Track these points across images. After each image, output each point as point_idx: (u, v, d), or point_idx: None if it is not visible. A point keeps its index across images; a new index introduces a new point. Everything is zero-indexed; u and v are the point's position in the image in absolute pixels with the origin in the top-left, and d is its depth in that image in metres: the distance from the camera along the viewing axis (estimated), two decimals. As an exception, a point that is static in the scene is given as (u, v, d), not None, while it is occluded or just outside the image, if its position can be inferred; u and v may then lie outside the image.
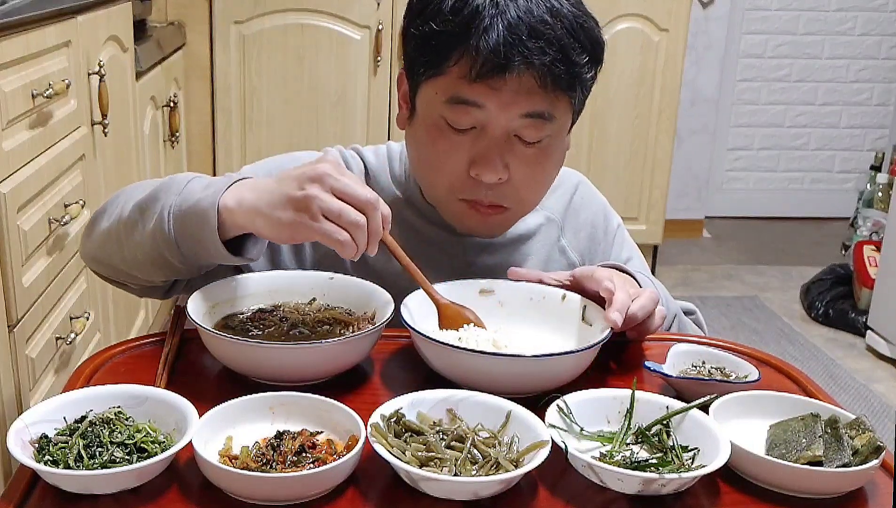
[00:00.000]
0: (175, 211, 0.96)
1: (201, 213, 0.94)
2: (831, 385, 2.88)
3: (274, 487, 0.75)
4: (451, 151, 1.05)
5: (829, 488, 0.81)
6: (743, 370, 0.97)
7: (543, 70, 0.99)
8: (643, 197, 3.44)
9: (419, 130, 1.08)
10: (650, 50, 3.26)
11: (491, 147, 1.03)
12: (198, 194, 0.95)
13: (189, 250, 0.97)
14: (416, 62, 1.06)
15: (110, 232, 1.04)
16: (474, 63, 0.99)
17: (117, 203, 1.05)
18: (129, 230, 1.01)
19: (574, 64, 1.01)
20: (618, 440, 0.85)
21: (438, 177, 1.08)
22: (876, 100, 4.45)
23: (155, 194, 0.99)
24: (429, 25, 1.02)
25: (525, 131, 1.03)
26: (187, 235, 0.96)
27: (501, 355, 0.95)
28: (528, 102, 1.01)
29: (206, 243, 0.95)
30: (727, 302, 3.55)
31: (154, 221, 0.97)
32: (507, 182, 1.06)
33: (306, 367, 0.94)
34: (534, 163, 1.06)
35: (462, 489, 0.76)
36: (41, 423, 0.81)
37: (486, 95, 1.00)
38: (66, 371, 1.63)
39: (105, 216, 1.06)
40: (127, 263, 1.04)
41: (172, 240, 0.96)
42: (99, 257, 1.08)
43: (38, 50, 1.51)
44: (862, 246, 3.41)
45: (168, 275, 1.03)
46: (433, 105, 1.05)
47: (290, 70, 3.06)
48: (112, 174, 1.98)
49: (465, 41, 0.99)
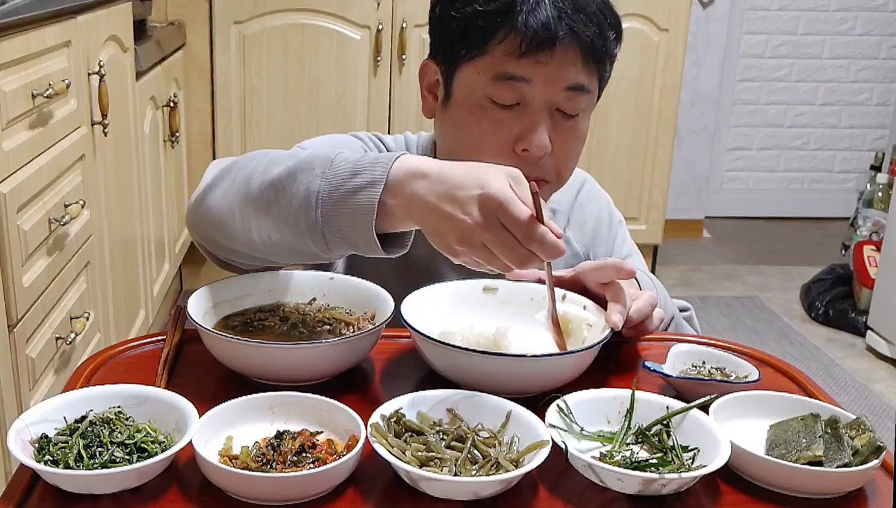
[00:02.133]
0: (324, 198, 0.87)
1: (356, 208, 0.86)
2: (831, 385, 2.88)
3: (274, 487, 0.75)
4: (496, 128, 1.08)
5: (829, 488, 0.81)
6: (743, 370, 0.97)
7: (587, 43, 1.05)
8: (643, 197, 3.44)
9: (458, 113, 1.11)
10: (650, 50, 3.26)
11: (536, 121, 1.07)
12: (348, 184, 0.87)
13: (336, 242, 0.89)
14: (456, 45, 1.09)
15: (233, 211, 0.94)
16: (524, 38, 1.04)
17: (237, 177, 0.95)
18: (261, 211, 0.92)
19: (606, 39, 1.08)
20: (618, 440, 0.85)
21: (484, 155, 1.07)
22: (876, 100, 4.45)
23: (294, 171, 0.90)
24: (472, 6, 1.06)
25: (566, 104, 1.08)
26: (336, 227, 0.88)
27: (502, 355, 0.95)
28: (573, 74, 1.06)
29: (357, 240, 0.88)
30: (727, 302, 3.55)
31: (297, 204, 0.89)
32: (550, 155, 1.10)
33: (306, 367, 0.94)
34: (571, 136, 1.11)
35: (462, 489, 0.76)
36: (41, 423, 0.81)
37: (532, 69, 1.05)
38: (66, 371, 1.63)
39: (219, 191, 0.96)
40: (254, 247, 0.95)
41: (319, 230, 0.88)
42: (214, 238, 0.99)
43: (38, 50, 1.51)
44: (862, 246, 3.41)
45: (304, 260, 0.97)
46: (476, 85, 1.08)
47: (290, 70, 3.06)
48: (112, 174, 1.98)
49: (510, 18, 1.04)
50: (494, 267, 0.85)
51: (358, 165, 0.87)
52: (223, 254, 1.02)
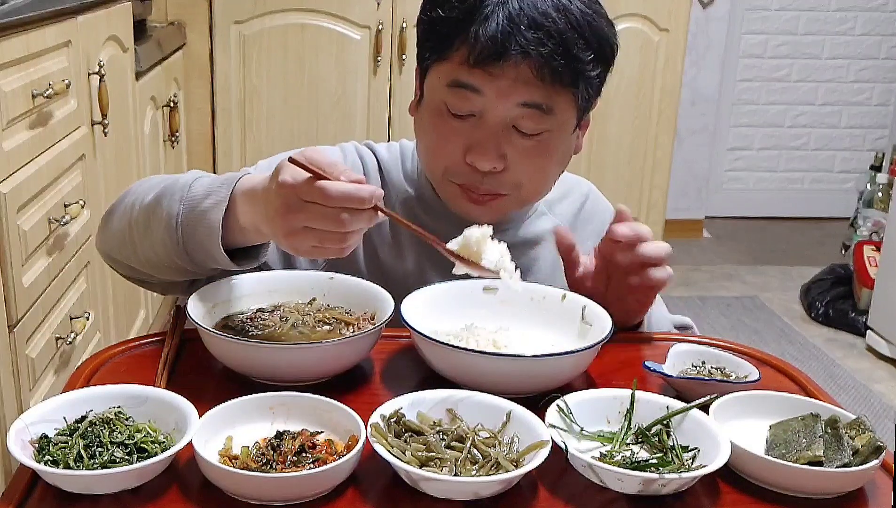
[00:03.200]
0: (182, 220, 0.97)
1: (207, 227, 0.95)
2: (831, 385, 2.88)
3: (274, 487, 0.75)
4: (450, 136, 1.07)
5: (829, 488, 0.81)
6: (743, 370, 0.97)
7: (541, 61, 1.01)
8: (643, 197, 3.44)
9: (424, 115, 1.12)
10: (650, 50, 3.26)
11: (487, 136, 1.05)
12: (202, 204, 0.96)
13: (199, 258, 0.99)
14: (424, 47, 1.10)
15: (123, 234, 1.05)
16: (472, 49, 1.02)
17: (126, 203, 1.06)
18: (140, 233, 1.02)
19: (576, 59, 1.02)
20: (618, 440, 0.85)
21: (436, 160, 1.10)
22: (876, 100, 4.45)
23: (160, 197, 1.00)
24: (436, 11, 1.06)
25: (523, 122, 1.05)
26: (196, 243, 0.97)
27: (501, 355, 0.95)
28: (526, 91, 1.03)
29: (214, 255, 0.97)
30: (727, 302, 3.55)
31: (163, 227, 0.98)
32: (505, 172, 1.07)
33: (306, 367, 0.94)
34: (532, 156, 1.07)
35: (462, 489, 0.76)
36: (41, 423, 0.81)
37: (483, 80, 1.03)
38: (66, 371, 1.63)
39: (116, 216, 1.07)
40: (143, 264, 1.05)
41: (182, 249, 0.98)
42: (115, 257, 1.09)
43: (38, 50, 1.51)
44: (862, 246, 3.41)
45: (184, 276, 1.05)
46: (436, 90, 1.08)
47: (290, 70, 3.06)
48: (112, 174, 1.98)
49: (466, 28, 1.02)
50: (331, 243, 0.88)
51: (210, 187, 0.96)
52: (129, 272, 1.10)
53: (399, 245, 1.17)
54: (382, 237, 1.18)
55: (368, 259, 1.17)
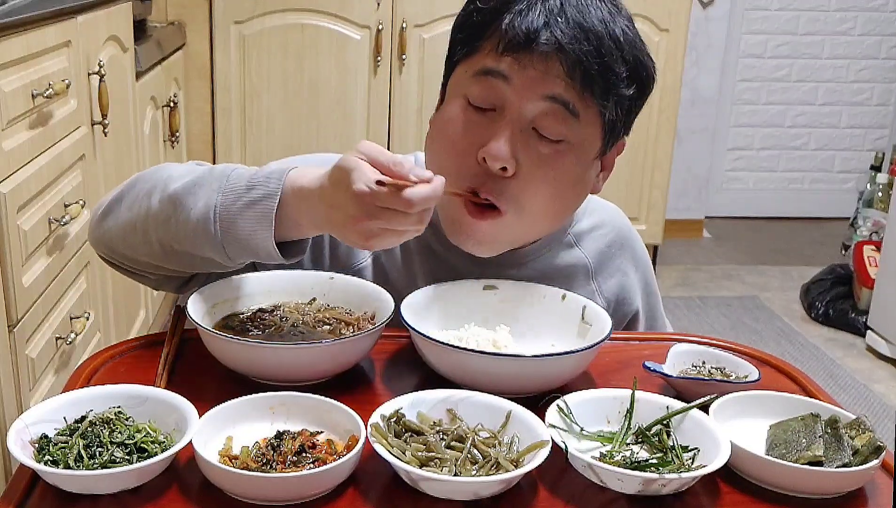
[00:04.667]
0: (222, 212, 0.92)
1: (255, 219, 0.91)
2: (831, 385, 2.88)
3: (274, 487, 0.75)
4: (466, 130, 1.02)
5: (829, 488, 0.81)
6: (743, 370, 0.97)
7: (574, 59, 0.97)
8: (643, 197, 3.44)
9: (441, 113, 1.07)
10: (650, 50, 3.25)
11: (505, 130, 0.99)
12: (247, 196, 0.92)
13: (235, 251, 0.94)
14: (455, 44, 1.06)
15: (133, 223, 1.00)
16: (503, 37, 0.99)
17: (137, 192, 1.00)
18: (160, 223, 0.97)
19: (609, 69, 0.98)
20: (618, 440, 0.85)
21: (448, 159, 1.03)
22: (876, 100, 4.45)
23: (191, 187, 0.95)
24: (474, 4, 1.03)
25: (545, 122, 0.99)
26: (235, 239, 0.93)
27: (501, 355, 0.95)
28: (554, 85, 0.98)
29: (259, 248, 0.93)
30: (727, 302, 3.55)
31: (195, 218, 0.93)
32: (514, 179, 1.00)
33: (306, 367, 0.94)
34: (547, 164, 1.00)
35: (462, 489, 0.76)
36: (41, 423, 0.81)
37: (511, 68, 0.98)
38: (66, 371, 1.63)
39: (122, 205, 1.02)
40: (152, 255, 1.00)
41: (219, 242, 0.93)
42: (114, 246, 1.04)
43: (38, 50, 1.51)
44: (862, 246, 3.41)
45: (203, 269, 1.01)
46: (460, 83, 1.04)
47: (290, 70, 3.06)
48: (112, 174, 1.98)
49: (500, 16, 0.99)
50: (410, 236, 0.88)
51: (252, 179, 0.92)
52: (129, 265, 1.06)
53: (411, 272, 1.13)
54: (393, 262, 1.14)
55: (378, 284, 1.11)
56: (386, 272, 1.13)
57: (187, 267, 1.01)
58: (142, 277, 1.08)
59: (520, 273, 1.13)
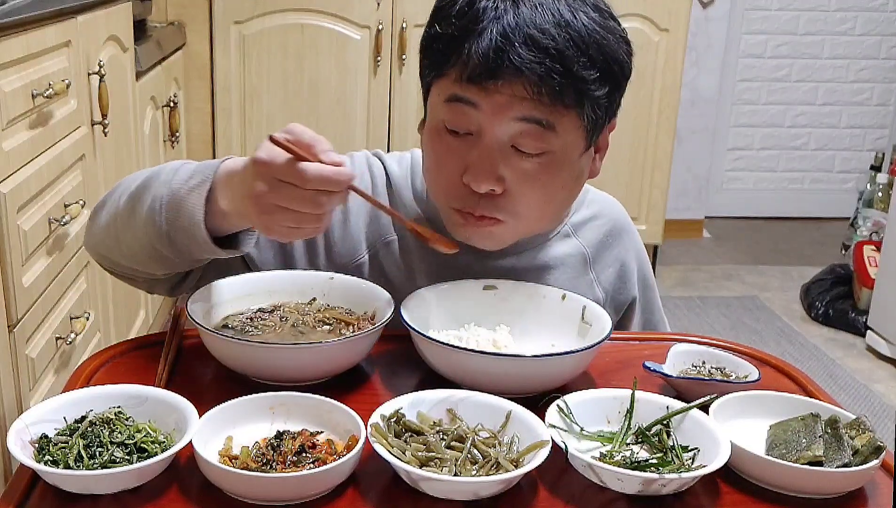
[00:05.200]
0: (166, 204, 0.94)
1: (190, 209, 0.93)
2: (831, 385, 2.88)
3: (274, 487, 0.75)
4: (447, 155, 1.03)
5: (829, 488, 0.81)
6: (743, 370, 0.97)
7: (536, 80, 0.95)
8: (643, 197, 3.44)
9: (425, 135, 1.07)
10: (650, 50, 3.26)
11: (484, 155, 1.00)
12: (185, 186, 0.94)
13: (182, 243, 0.96)
14: (423, 65, 1.06)
15: (108, 226, 1.03)
16: (466, 66, 0.97)
17: (115, 196, 1.04)
18: (124, 223, 1.00)
19: (578, 78, 0.97)
20: (618, 440, 0.85)
21: (436, 181, 1.06)
22: (876, 100, 4.45)
23: (146, 184, 0.98)
24: (435, 28, 1.02)
25: (523, 141, 0.99)
26: (179, 228, 0.94)
27: (501, 355, 0.95)
28: (523, 108, 0.97)
29: (197, 238, 0.94)
30: (727, 302, 3.55)
31: (146, 213, 0.96)
32: (504, 196, 1.01)
33: (306, 367, 0.94)
34: (532, 178, 1.01)
35: (462, 489, 0.76)
36: (41, 423, 0.81)
37: (479, 95, 0.98)
38: (66, 371, 1.63)
39: (104, 210, 1.05)
40: (126, 257, 1.03)
41: (164, 233, 0.95)
42: (101, 252, 1.07)
43: (38, 50, 1.51)
44: (862, 246, 3.41)
45: (166, 268, 1.02)
46: (435, 107, 1.04)
47: (290, 70, 3.06)
48: (112, 174, 1.98)
49: (461, 44, 0.98)
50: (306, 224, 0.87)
51: (194, 170, 0.95)
52: (118, 268, 1.08)
53: (411, 271, 1.14)
54: (392, 259, 1.14)
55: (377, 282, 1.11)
56: (384, 269, 1.14)
57: (156, 266, 1.02)
58: (132, 280, 1.09)
59: (519, 262, 1.14)
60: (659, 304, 1.29)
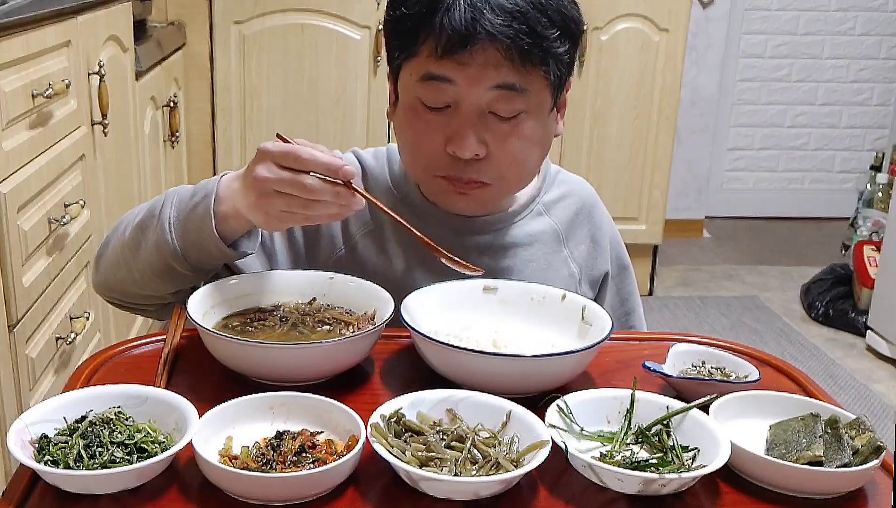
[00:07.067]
0: (174, 221, 1.01)
1: (199, 219, 0.99)
2: (831, 385, 2.88)
3: (274, 487, 0.75)
4: (428, 130, 1.08)
5: (829, 488, 0.81)
6: (743, 370, 0.97)
7: (508, 43, 1.02)
8: (643, 197, 3.44)
9: (400, 115, 1.12)
10: (650, 50, 3.26)
11: (465, 123, 1.06)
12: (191, 201, 1.01)
13: (194, 256, 1.02)
14: (392, 47, 1.11)
15: (117, 259, 1.08)
16: (439, 40, 1.03)
17: (117, 232, 1.11)
18: (134, 251, 1.05)
19: (542, 37, 1.03)
20: (618, 440, 0.85)
21: (417, 157, 1.12)
22: (876, 100, 4.45)
23: (151, 210, 1.05)
24: (400, 9, 1.07)
25: (498, 105, 1.06)
26: (189, 241, 1.01)
27: (501, 355, 0.95)
28: (497, 74, 1.04)
29: (209, 246, 1.00)
30: (727, 302, 3.55)
31: (156, 235, 1.02)
32: (487, 159, 1.08)
33: (306, 367, 0.94)
34: (510, 138, 1.08)
35: (462, 489, 0.76)
36: (41, 423, 0.81)
37: (453, 69, 1.04)
38: (66, 371, 1.63)
39: (109, 247, 1.11)
40: (138, 283, 1.07)
41: (177, 249, 1.01)
42: (111, 285, 1.12)
43: (38, 50, 1.51)
44: (862, 246, 3.41)
45: (178, 285, 1.06)
46: (409, 87, 1.09)
47: (290, 70, 3.06)
48: (112, 174, 1.98)
49: (430, 19, 1.03)
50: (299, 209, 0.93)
51: (197, 187, 1.02)
52: (128, 301, 1.13)
53: (388, 255, 1.17)
54: (370, 248, 1.18)
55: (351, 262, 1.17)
56: (364, 259, 1.18)
57: (171, 285, 1.07)
58: (143, 311, 1.14)
59: (495, 240, 1.19)
60: (637, 298, 1.32)
